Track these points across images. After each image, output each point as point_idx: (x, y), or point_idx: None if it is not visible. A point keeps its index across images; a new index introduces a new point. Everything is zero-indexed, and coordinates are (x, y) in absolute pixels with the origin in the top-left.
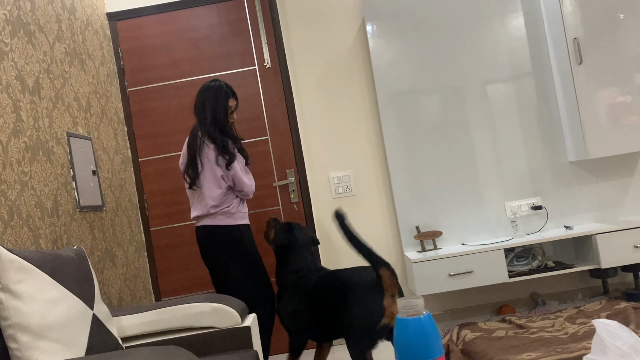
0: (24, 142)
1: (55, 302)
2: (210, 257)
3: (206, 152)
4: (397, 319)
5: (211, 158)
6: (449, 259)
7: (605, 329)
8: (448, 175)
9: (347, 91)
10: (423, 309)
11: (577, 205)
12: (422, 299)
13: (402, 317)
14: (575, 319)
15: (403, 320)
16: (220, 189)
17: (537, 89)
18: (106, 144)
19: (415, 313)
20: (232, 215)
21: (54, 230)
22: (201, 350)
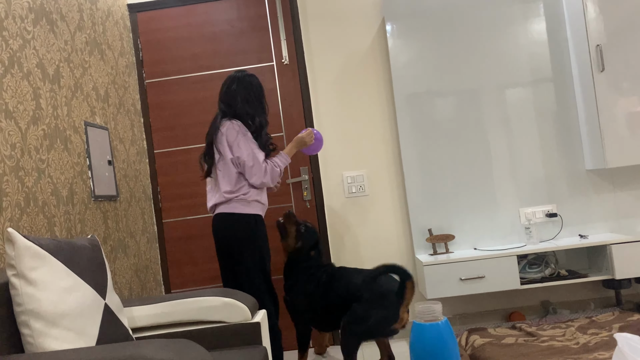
0: (42, 129)
1: (69, 290)
2: (223, 247)
3: (222, 136)
4: (414, 323)
5: (229, 139)
6: (460, 263)
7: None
8: (462, 178)
9: (364, 90)
10: (441, 315)
11: (592, 214)
12: (440, 305)
13: (420, 322)
14: (587, 329)
15: (420, 326)
16: (234, 173)
17: (556, 95)
18: (122, 134)
19: (433, 319)
20: (249, 203)
21: (69, 218)
22: (210, 345)
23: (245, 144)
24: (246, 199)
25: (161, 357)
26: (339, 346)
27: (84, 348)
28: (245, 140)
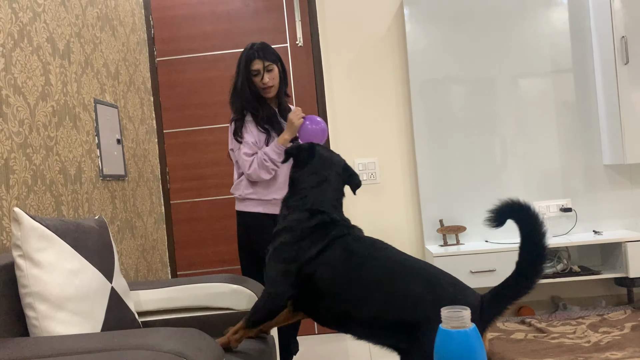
0: (51, 106)
1: (75, 273)
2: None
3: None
4: (440, 329)
5: (230, 125)
6: (471, 256)
7: None
8: (476, 169)
9: (379, 75)
10: (469, 321)
11: (608, 210)
12: (469, 311)
13: (446, 328)
14: (598, 327)
15: (447, 332)
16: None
17: (576, 87)
18: (132, 113)
19: (461, 325)
20: (243, 201)
21: (76, 197)
22: (217, 331)
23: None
24: (242, 196)
25: (169, 348)
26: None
27: (89, 334)
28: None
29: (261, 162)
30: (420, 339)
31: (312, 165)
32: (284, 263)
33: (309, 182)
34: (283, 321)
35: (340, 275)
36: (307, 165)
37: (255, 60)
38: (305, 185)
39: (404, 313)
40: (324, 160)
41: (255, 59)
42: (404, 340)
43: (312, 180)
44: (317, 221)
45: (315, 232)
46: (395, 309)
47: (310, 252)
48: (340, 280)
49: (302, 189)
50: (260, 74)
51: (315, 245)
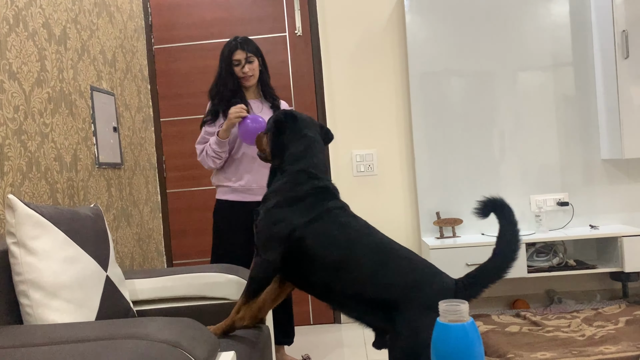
0: (47, 92)
1: (70, 261)
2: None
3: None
4: (438, 323)
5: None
6: (467, 248)
7: None
8: (474, 162)
9: (378, 67)
10: (467, 315)
11: (605, 204)
12: (467, 304)
13: (444, 321)
14: (593, 321)
15: (445, 326)
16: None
17: (575, 81)
18: (129, 101)
19: (459, 319)
20: (217, 189)
21: (72, 185)
22: (212, 321)
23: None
24: (215, 183)
25: (165, 338)
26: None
27: (84, 323)
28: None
29: (206, 151)
30: (396, 319)
31: (296, 129)
32: (275, 226)
33: (299, 146)
34: (273, 299)
35: (330, 246)
36: (290, 129)
37: (238, 50)
38: (294, 149)
39: (382, 291)
40: (306, 122)
41: (237, 49)
42: (380, 319)
43: (302, 143)
44: (311, 187)
45: (309, 198)
46: (374, 287)
47: (303, 218)
48: (328, 251)
49: (292, 152)
50: (241, 64)
51: (308, 212)
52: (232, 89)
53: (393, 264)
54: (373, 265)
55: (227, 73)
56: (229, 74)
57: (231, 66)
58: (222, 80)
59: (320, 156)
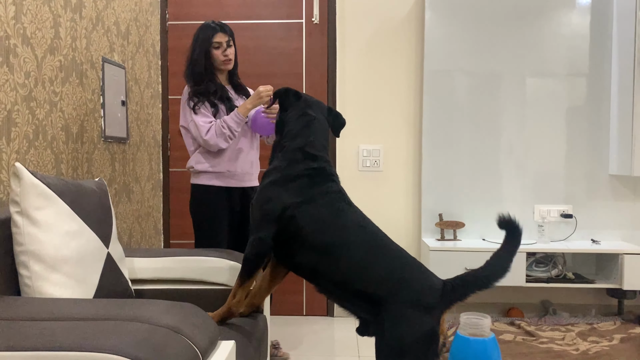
0: (59, 60)
1: (73, 235)
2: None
3: (183, 97)
4: (457, 335)
5: (184, 99)
6: (467, 253)
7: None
8: (481, 166)
9: (393, 61)
10: (489, 330)
11: (608, 220)
12: (489, 319)
13: (464, 335)
14: (587, 336)
15: (465, 340)
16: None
17: (589, 92)
18: (139, 75)
19: (480, 333)
20: (198, 174)
21: (76, 156)
22: (209, 307)
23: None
24: (197, 169)
25: (165, 322)
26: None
27: (84, 300)
28: (187, 108)
29: (219, 129)
30: (382, 315)
31: (298, 107)
32: (268, 204)
33: (298, 123)
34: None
35: (320, 229)
36: (292, 106)
37: (219, 33)
38: (293, 127)
39: (369, 285)
40: (310, 102)
41: (218, 32)
42: (365, 311)
43: (302, 121)
44: (306, 167)
45: (303, 178)
46: (361, 279)
47: (295, 198)
48: (318, 234)
49: (291, 130)
50: (222, 47)
51: (301, 192)
52: (203, 71)
53: (383, 259)
54: (362, 256)
55: (200, 54)
56: (202, 55)
57: (210, 48)
58: (194, 61)
59: (319, 135)
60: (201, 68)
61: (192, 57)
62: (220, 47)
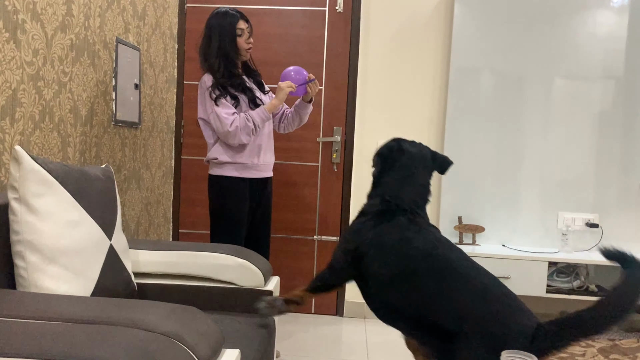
0: (70, 39)
1: (73, 225)
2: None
3: (202, 89)
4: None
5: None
6: (487, 259)
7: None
8: (504, 169)
9: (418, 56)
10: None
11: (636, 231)
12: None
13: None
14: (609, 354)
15: None
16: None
17: (623, 97)
18: (154, 58)
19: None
20: (221, 165)
21: (85, 140)
22: (215, 306)
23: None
24: (220, 160)
25: (165, 329)
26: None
27: (80, 298)
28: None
29: (243, 122)
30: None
31: (399, 163)
32: (346, 242)
33: (391, 176)
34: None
35: (389, 263)
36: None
37: (240, 20)
38: (386, 179)
39: (444, 319)
40: (412, 156)
41: (239, 19)
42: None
43: (395, 175)
44: (384, 206)
45: (378, 215)
46: (435, 312)
47: (369, 233)
48: (384, 268)
49: (383, 182)
50: (244, 34)
51: (374, 227)
52: (229, 61)
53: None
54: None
55: (229, 43)
56: (229, 44)
57: (235, 37)
58: (224, 51)
59: (409, 189)
60: (229, 57)
61: (217, 46)
62: (243, 35)
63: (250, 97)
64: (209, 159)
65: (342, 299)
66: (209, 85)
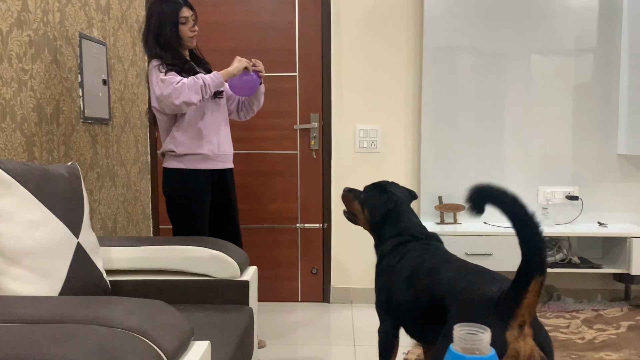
0: (27, 35)
1: (36, 225)
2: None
3: (150, 72)
4: (451, 351)
5: (151, 71)
6: (468, 237)
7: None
8: (482, 147)
9: (391, 38)
10: (488, 347)
11: (616, 202)
12: (489, 333)
13: (458, 351)
14: (593, 324)
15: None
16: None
17: (597, 69)
18: (122, 52)
19: (477, 350)
20: (180, 158)
21: (51, 139)
22: (192, 299)
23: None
24: (181, 152)
25: (129, 324)
26: None
27: (42, 298)
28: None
29: (192, 81)
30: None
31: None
32: (378, 295)
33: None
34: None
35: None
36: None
37: (184, 8)
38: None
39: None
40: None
41: (183, 6)
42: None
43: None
44: (396, 242)
45: (393, 251)
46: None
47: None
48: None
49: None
50: (188, 22)
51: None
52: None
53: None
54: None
55: (170, 29)
56: (171, 30)
57: (177, 24)
58: (165, 39)
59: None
60: (170, 43)
61: (158, 32)
62: (187, 23)
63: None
64: (165, 151)
65: (328, 286)
66: (156, 64)
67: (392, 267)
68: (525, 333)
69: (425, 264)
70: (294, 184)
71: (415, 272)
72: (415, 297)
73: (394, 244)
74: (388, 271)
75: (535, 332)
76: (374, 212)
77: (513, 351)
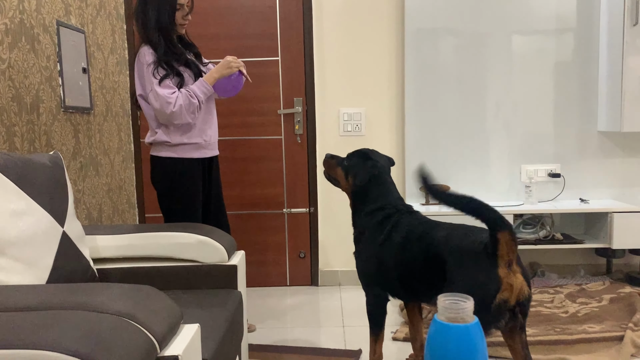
0: (4, 23)
1: (19, 214)
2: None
3: (140, 62)
4: (435, 320)
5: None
6: (454, 217)
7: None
8: (466, 127)
9: (373, 20)
10: (472, 315)
11: (597, 178)
12: (472, 301)
13: (442, 320)
14: (576, 298)
15: (444, 326)
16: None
17: (577, 47)
18: (101, 40)
19: (461, 319)
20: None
21: (32, 129)
22: (180, 285)
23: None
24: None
25: (117, 309)
26: None
27: (28, 286)
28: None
29: (188, 100)
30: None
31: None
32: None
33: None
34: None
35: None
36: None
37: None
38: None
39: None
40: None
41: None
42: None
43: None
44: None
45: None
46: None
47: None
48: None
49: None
50: (182, 10)
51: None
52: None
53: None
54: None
55: (169, 16)
56: (169, 17)
57: (175, 9)
58: (162, 23)
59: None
60: (167, 30)
61: (155, 18)
62: (182, 10)
63: (195, 72)
64: (156, 141)
65: (316, 269)
66: (150, 62)
67: (385, 239)
68: (514, 270)
69: (416, 229)
70: (280, 169)
71: (409, 239)
72: (411, 260)
73: (379, 219)
74: (376, 242)
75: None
76: (358, 178)
77: (507, 285)
